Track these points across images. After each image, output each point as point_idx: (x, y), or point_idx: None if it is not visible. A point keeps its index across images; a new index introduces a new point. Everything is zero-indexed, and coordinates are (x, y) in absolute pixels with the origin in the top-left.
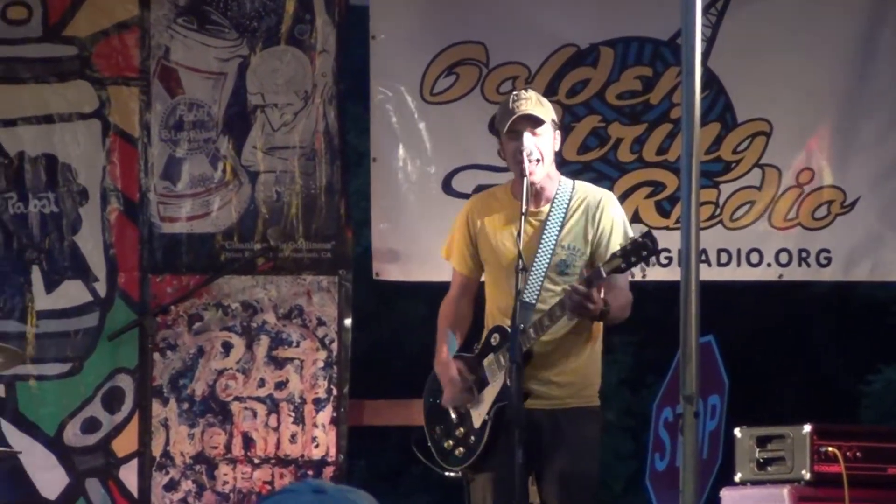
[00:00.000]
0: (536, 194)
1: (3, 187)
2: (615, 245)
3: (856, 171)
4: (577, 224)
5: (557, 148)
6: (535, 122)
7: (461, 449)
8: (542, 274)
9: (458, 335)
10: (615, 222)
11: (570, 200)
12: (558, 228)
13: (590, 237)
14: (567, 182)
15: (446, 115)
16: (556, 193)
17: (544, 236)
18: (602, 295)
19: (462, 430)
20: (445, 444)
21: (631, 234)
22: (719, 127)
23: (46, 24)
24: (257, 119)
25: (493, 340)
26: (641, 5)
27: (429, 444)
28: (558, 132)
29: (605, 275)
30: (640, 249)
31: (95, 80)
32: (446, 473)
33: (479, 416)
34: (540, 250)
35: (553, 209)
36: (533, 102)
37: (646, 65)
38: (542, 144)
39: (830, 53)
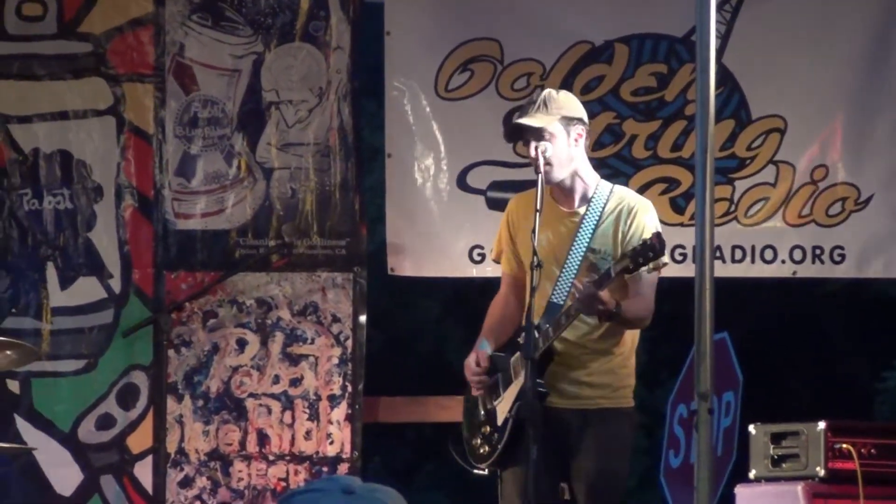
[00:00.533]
0: (567, 193)
1: (18, 184)
2: None
3: (870, 168)
4: (609, 228)
5: (579, 144)
6: (532, 130)
7: (486, 447)
8: (573, 275)
9: (494, 337)
10: (645, 229)
11: (605, 204)
12: (591, 232)
13: (619, 242)
14: (605, 185)
15: (461, 112)
16: (594, 196)
17: (577, 238)
18: (627, 297)
19: (488, 428)
20: (474, 443)
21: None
22: (734, 124)
23: (61, 21)
24: (272, 116)
25: (520, 339)
26: (656, 2)
27: (463, 442)
28: (578, 127)
29: (613, 275)
30: (648, 251)
31: (110, 76)
32: (475, 471)
33: (502, 413)
34: (572, 252)
35: (589, 212)
36: (536, 107)
37: (660, 61)
38: (548, 149)
39: (845, 51)
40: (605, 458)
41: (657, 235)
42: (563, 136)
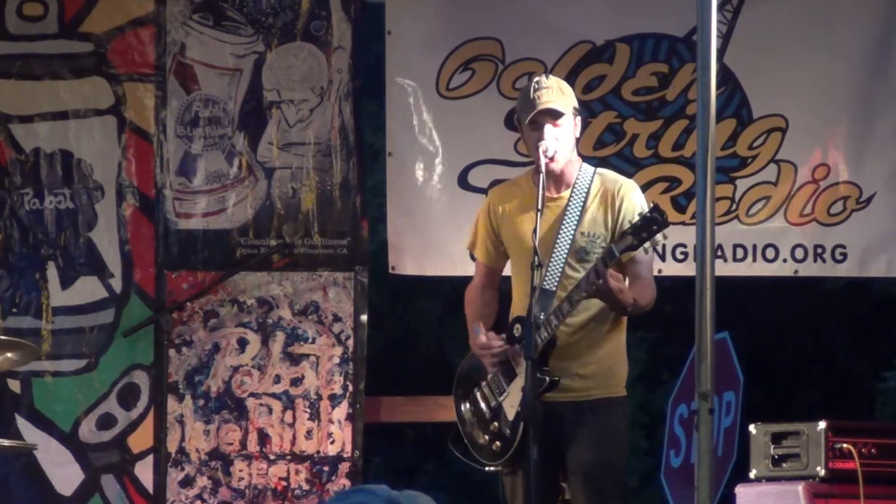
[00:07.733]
0: (556, 179)
1: (19, 183)
2: None
3: (871, 167)
4: (597, 211)
5: (578, 134)
6: (555, 114)
7: (498, 443)
8: (563, 261)
9: (483, 324)
10: (635, 209)
11: (589, 187)
12: (578, 215)
13: (609, 224)
14: (588, 168)
15: (462, 111)
16: (577, 179)
17: (564, 223)
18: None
19: (496, 424)
20: (481, 440)
21: None
22: (735, 123)
23: (62, 21)
24: (273, 115)
25: (515, 331)
26: (657, 2)
27: (464, 440)
28: (579, 118)
29: (617, 253)
30: (650, 224)
31: (111, 76)
32: (486, 469)
33: (511, 408)
34: (560, 237)
35: (573, 195)
36: (554, 92)
37: (662, 61)
38: (562, 135)
39: (846, 50)
40: (601, 449)
41: (657, 208)
42: (572, 123)
